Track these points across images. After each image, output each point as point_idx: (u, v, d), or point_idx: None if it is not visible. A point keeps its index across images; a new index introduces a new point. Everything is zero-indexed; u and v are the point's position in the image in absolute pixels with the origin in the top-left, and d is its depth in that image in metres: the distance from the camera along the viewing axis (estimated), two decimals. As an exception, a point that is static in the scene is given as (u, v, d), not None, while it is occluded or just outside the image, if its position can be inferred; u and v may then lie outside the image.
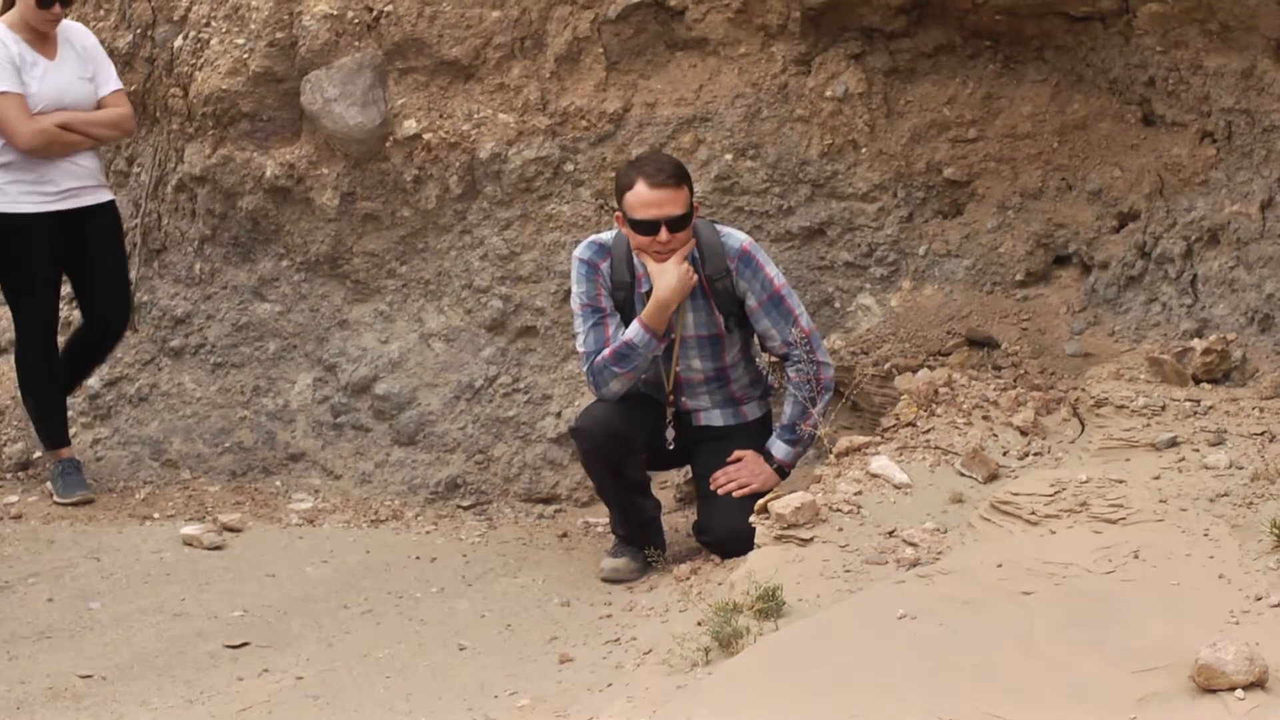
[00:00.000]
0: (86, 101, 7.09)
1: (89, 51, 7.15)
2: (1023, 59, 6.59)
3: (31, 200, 6.98)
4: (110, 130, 7.19)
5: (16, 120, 6.89)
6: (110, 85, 7.14)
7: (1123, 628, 3.78)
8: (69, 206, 7.05)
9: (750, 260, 5.97)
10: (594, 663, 5.20)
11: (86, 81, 7.09)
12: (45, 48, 7.02)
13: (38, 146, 6.93)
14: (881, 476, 5.27)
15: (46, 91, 6.97)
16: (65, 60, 7.05)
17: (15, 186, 6.99)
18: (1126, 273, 6.31)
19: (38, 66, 6.96)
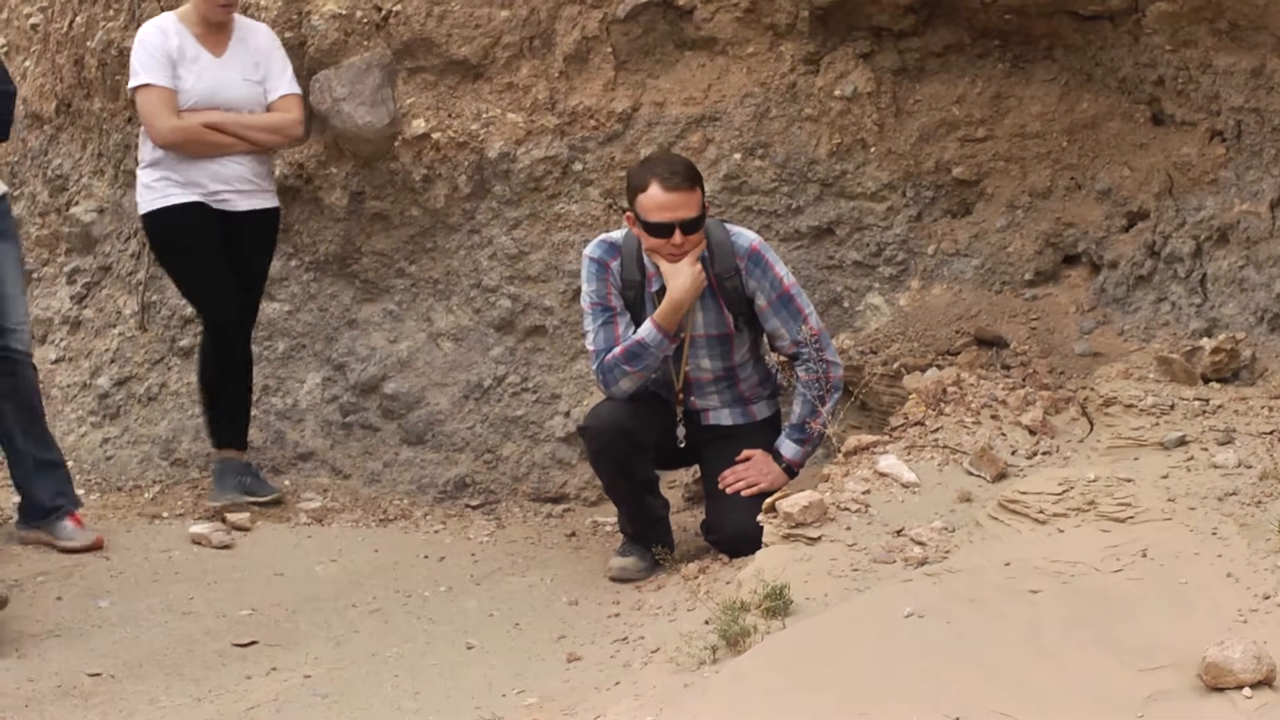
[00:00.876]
0: (249, 103, 6.79)
1: (263, 53, 6.83)
2: (1032, 58, 6.59)
3: (181, 194, 6.71)
4: (268, 135, 6.82)
5: (156, 114, 6.65)
6: (281, 89, 6.82)
7: (1130, 626, 3.78)
8: (218, 209, 6.77)
9: (759, 259, 5.97)
10: (602, 661, 5.19)
11: (254, 84, 6.79)
12: (214, 43, 6.75)
13: (175, 144, 6.68)
14: (889, 475, 5.27)
15: (200, 88, 6.70)
16: (233, 58, 6.78)
17: (164, 184, 6.73)
18: (1136, 272, 6.30)
19: (198, 61, 6.71)
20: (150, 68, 6.65)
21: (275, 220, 6.98)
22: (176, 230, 6.74)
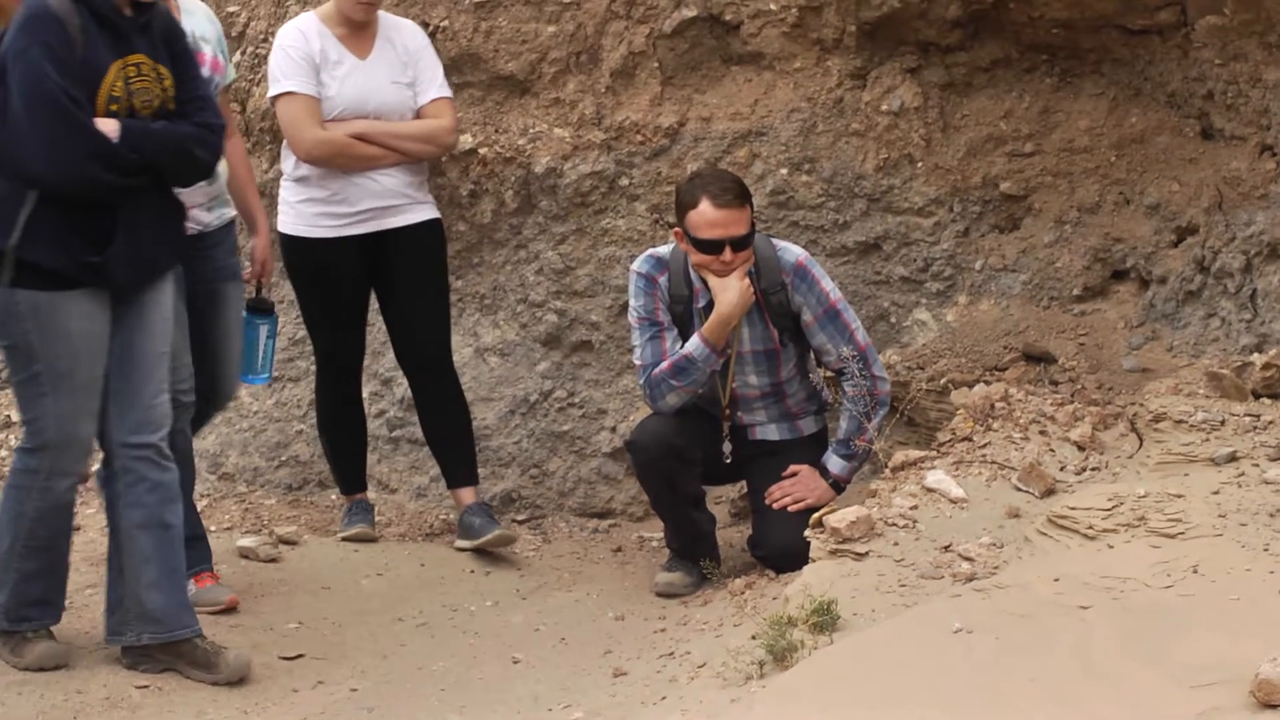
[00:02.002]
0: (399, 109, 6.30)
1: (413, 53, 6.34)
2: (1080, 72, 6.57)
3: (326, 224, 6.25)
4: (420, 144, 6.32)
5: (300, 126, 6.16)
6: (432, 93, 6.32)
7: (1182, 642, 3.75)
8: (368, 230, 6.27)
9: (806, 274, 5.96)
10: (648, 676, 5.19)
11: (403, 86, 6.30)
12: (358, 44, 6.27)
13: (320, 158, 6.19)
14: (937, 491, 5.25)
15: (345, 95, 6.21)
16: (379, 60, 6.29)
17: (308, 206, 6.27)
18: (1185, 287, 6.27)
19: (342, 65, 6.22)
20: (291, 74, 6.18)
21: (436, 231, 6.49)
22: (312, 263, 6.34)
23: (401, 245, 6.32)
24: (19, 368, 5.12)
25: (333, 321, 6.44)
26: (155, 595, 5.17)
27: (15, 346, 5.08)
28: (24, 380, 5.11)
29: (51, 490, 5.15)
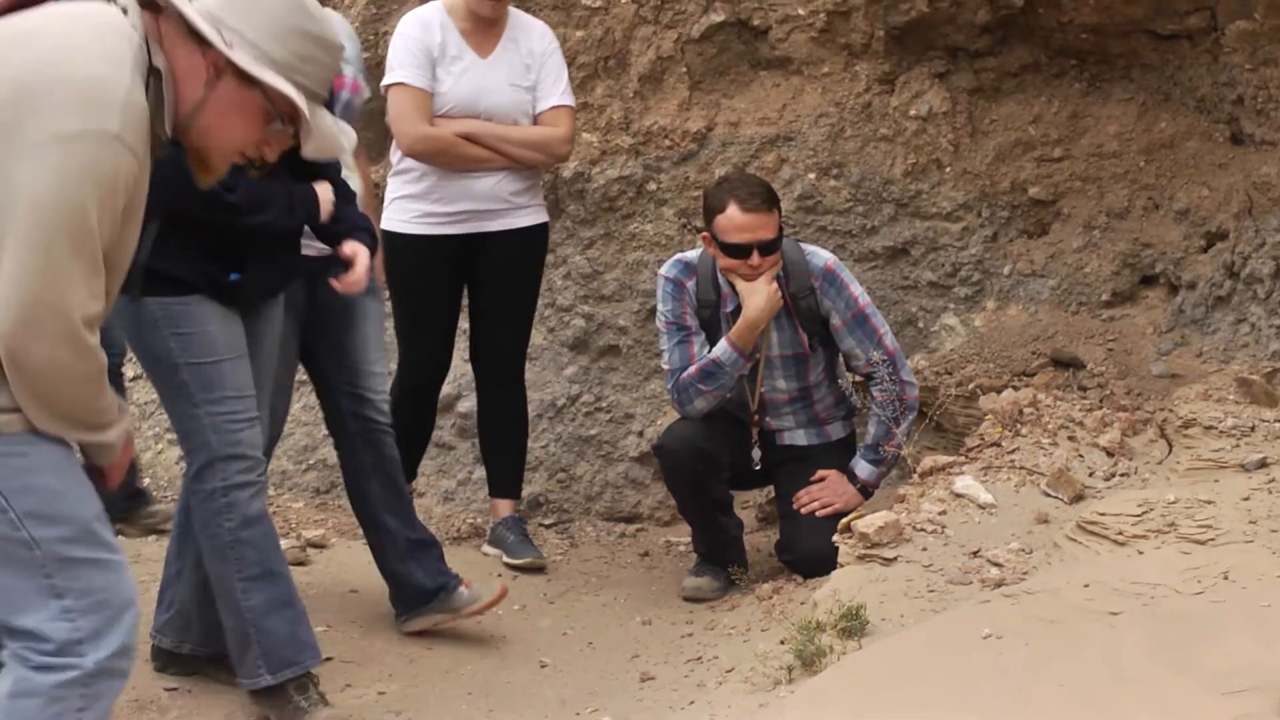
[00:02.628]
0: (514, 113, 6.12)
1: (538, 56, 6.17)
2: (1109, 77, 6.56)
3: (422, 222, 6.11)
4: (531, 151, 6.14)
5: (406, 119, 6.00)
6: (551, 100, 6.14)
7: (1213, 649, 3.73)
8: (464, 231, 6.12)
9: (835, 279, 5.96)
10: (675, 681, 5.19)
11: (521, 90, 6.13)
12: (482, 41, 6.11)
13: (423, 154, 6.03)
14: (966, 496, 5.24)
15: (458, 92, 6.04)
16: (500, 61, 6.12)
17: (407, 201, 6.14)
18: (1214, 293, 6.25)
19: (460, 61, 6.05)
20: (406, 65, 6.01)
21: (539, 237, 6.32)
22: (406, 260, 6.15)
23: (496, 251, 6.15)
24: (165, 382, 4.79)
25: (422, 326, 6.27)
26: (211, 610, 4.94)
27: (158, 359, 4.75)
28: (173, 396, 4.79)
29: (234, 505, 4.73)
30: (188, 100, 3.43)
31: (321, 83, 3.50)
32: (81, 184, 3.23)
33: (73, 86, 3.24)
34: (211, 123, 3.46)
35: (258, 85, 3.39)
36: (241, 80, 3.39)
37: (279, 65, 3.40)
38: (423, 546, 5.61)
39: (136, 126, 3.28)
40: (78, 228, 3.24)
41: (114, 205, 3.29)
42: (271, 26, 3.42)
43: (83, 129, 3.22)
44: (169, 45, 3.41)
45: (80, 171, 3.22)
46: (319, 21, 3.49)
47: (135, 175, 3.31)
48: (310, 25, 3.47)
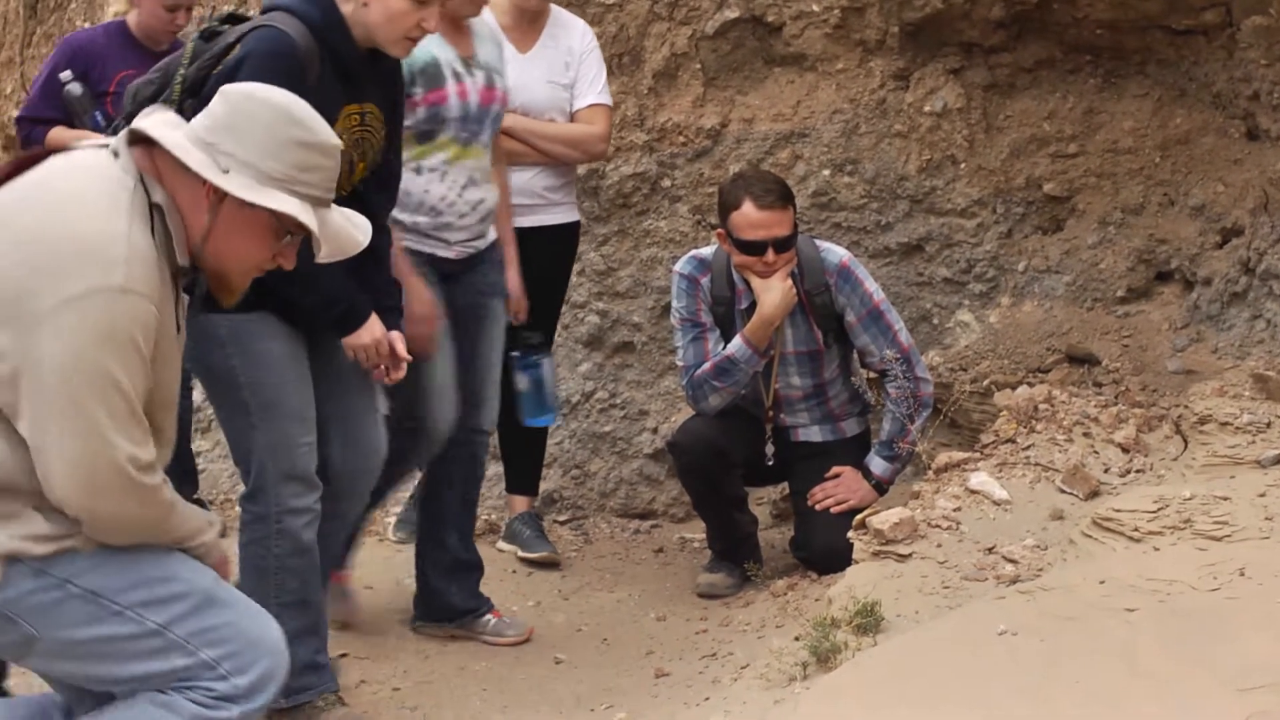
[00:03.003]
0: (550, 109, 6.13)
1: (577, 54, 6.17)
2: (1124, 73, 6.54)
3: None
4: (565, 148, 6.15)
5: None
6: (589, 98, 6.14)
7: (1228, 645, 3.72)
8: None
9: (849, 275, 5.95)
10: (690, 677, 5.19)
11: (558, 87, 6.14)
12: (522, 37, 6.10)
13: None
14: (981, 493, 5.23)
15: None
16: (539, 57, 6.14)
17: None
18: (1230, 289, 6.23)
19: None
20: None
21: (570, 235, 6.37)
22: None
23: (526, 247, 5.99)
24: (224, 399, 4.74)
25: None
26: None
27: (217, 375, 4.70)
28: (231, 413, 4.74)
29: (287, 533, 4.70)
30: (196, 229, 3.47)
31: (325, 187, 3.52)
32: (98, 342, 3.28)
33: (73, 247, 3.29)
34: (222, 246, 3.49)
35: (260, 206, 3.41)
36: (243, 202, 3.41)
37: (278, 180, 3.42)
38: (467, 568, 5.69)
39: (143, 272, 3.33)
40: (103, 384, 3.29)
41: (137, 353, 3.34)
42: (265, 143, 3.43)
43: (88, 288, 3.27)
44: (167, 178, 3.45)
45: (94, 330, 3.28)
46: (311, 128, 3.49)
47: (153, 319, 3.36)
48: (303, 134, 3.47)
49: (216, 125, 3.45)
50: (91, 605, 3.42)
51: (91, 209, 3.36)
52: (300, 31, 4.51)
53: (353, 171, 4.71)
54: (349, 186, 4.69)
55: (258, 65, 4.40)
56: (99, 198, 3.38)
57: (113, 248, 3.31)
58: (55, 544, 3.40)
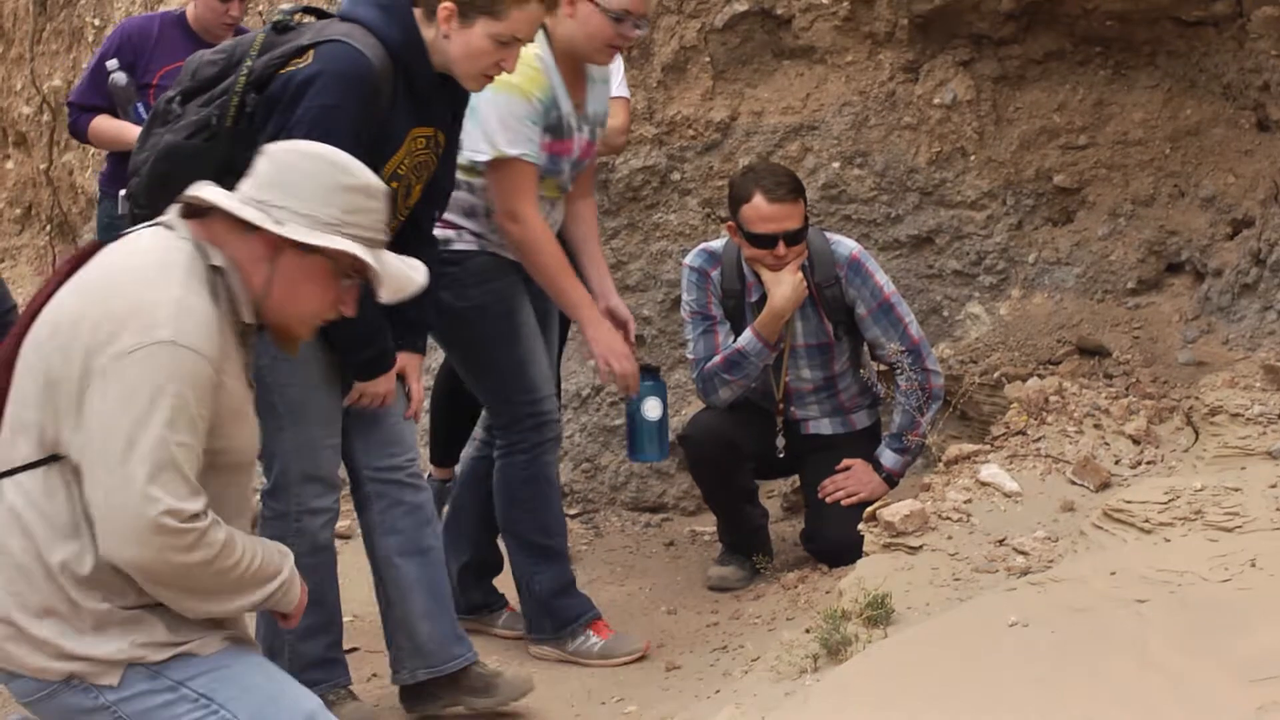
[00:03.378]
0: None
1: None
2: (1134, 65, 6.52)
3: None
4: None
5: None
6: (610, 91, 5.92)
7: (1240, 637, 3.72)
8: None
9: (860, 268, 5.95)
10: (701, 670, 5.20)
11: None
12: None
13: None
14: (991, 485, 5.23)
15: None
16: None
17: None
18: (1241, 280, 6.21)
19: None
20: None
21: None
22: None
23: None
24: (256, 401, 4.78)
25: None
26: (424, 625, 4.93)
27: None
28: (259, 413, 4.53)
29: (305, 532, 4.72)
30: (257, 283, 3.53)
31: (376, 229, 3.58)
32: (144, 394, 3.33)
33: (122, 312, 3.36)
34: (284, 295, 3.56)
35: (317, 250, 3.49)
36: (301, 250, 3.49)
37: (331, 226, 3.49)
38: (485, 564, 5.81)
39: (197, 328, 3.38)
40: (149, 436, 3.33)
41: (185, 408, 3.37)
42: (314, 192, 3.51)
43: (137, 343, 3.33)
44: (223, 241, 3.52)
45: (140, 381, 3.33)
46: (355, 173, 3.57)
47: (208, 377, 3.40)
48: (348, 179, 3.55)
49: (264, 183, 3.53)
50: (202, 710, 3.49)
51: (142, 277, 3.43)
52: (378, 53, 4.47)
53: (409, 195, 4.71)
54: (405, 210, 4.71)
55: (330, 85, 4.39)
56: (149, 267, 3.45)
57: (163, 307, 3.37)
58: (174, 649, 3.47)
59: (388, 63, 4.49)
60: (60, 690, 3.47)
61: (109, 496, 3.33)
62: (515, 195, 5.29)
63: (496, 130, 5.23)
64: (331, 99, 4.39)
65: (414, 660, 4.96)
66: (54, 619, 3.43)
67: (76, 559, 3.41)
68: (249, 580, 3.52)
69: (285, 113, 4.41)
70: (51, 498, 3.42)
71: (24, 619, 3.44)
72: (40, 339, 3.47)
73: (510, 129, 5.24)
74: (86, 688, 3.46)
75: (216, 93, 4.53)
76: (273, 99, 4.46)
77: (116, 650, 3.44)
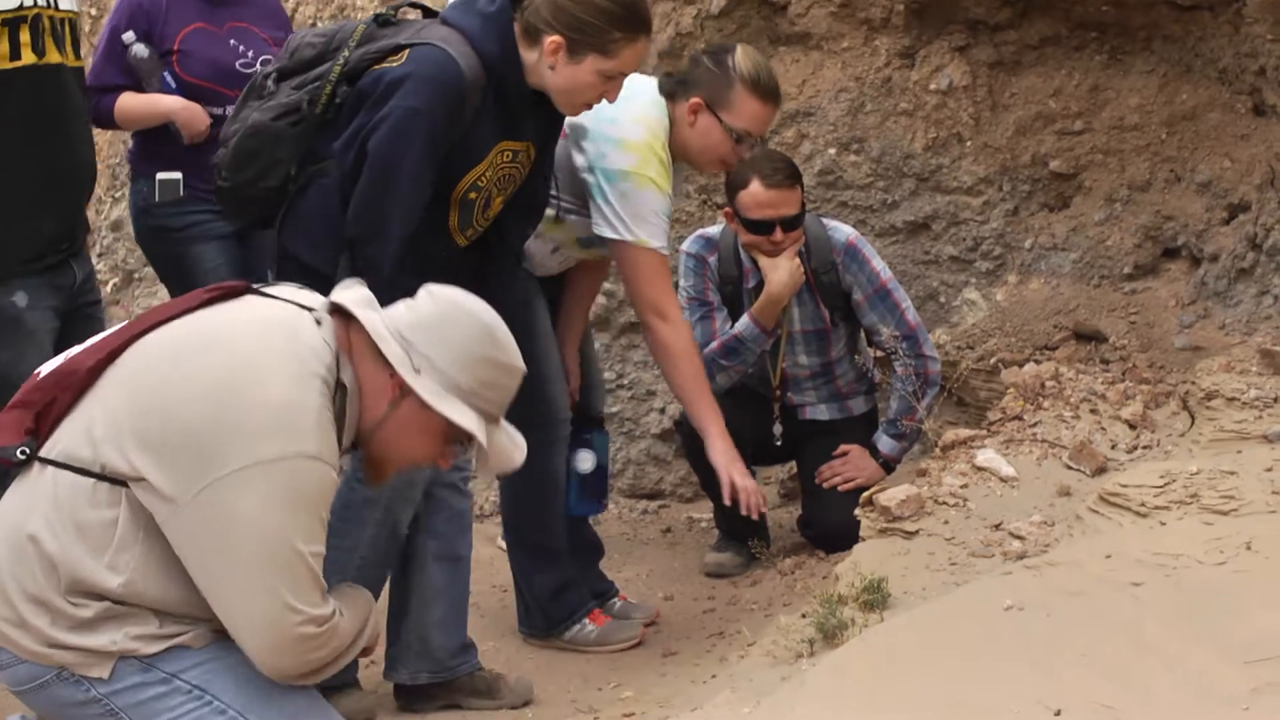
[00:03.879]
0: None
1: None
2: (1130, 50, 6.52)
3: None
4: None
5: None
6: None
7: (1235, 619, 3.72)
8: None
9: (856, 254, 5.95)
10: (697, 655, 5.20)
11: None
12: None
13: None
14: (988, 469, 5.23)
15: None
16: None
17: None
18: (1237, 265, 6.22)
19: None
20: None
21: None
22: None
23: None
24: None
25: None
26: (439, 634, 4.92)
27: None
28: None
29: (388, 521, 4.73)
30: (371, 416, 3.55)
31: (500, 405, 3.60)
32: (285, 505, 3.36)
33: (266, 412, 3.35)
34: (392, 438, 3.58)
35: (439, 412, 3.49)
36: (424, 405, 3.49)
37: (463, 392, 3.50)
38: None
39: (328, 442, 3.42)
40: (289, 553, 3.38)
41: (320, 520, 3.43)
42: (461, 355, 3.51)
43: (281, 452, 3.34)
44: (358, 359, 3.53)
45: (283, 493, 3.35)
46: (506, 350, 3.58)
47: (335, 484, 3.47)
48: (498, 354, 3.56)
49: (419, 324, 3.52)
50: (195, 702, 3.51)
51: (287, 375, 3.42)
52: (471, 62, 4.44)
53: (488, 206, 4.68)
54: (485, 220, 4.69)
55: (418, 88, 4.37)
56: (292, 362, 3.44)
57: (307, 417, 3.38)
58: (166, 642, 3.49)
59: (480, 74, 4.45)
60: (52, 683, 3.48)
61: (251, 605, 3.38)
62: (661, 289, 5.29)
63: (636, 220, 5.20)
64: (417, 102, 4.37)
65: (419, 663, 4.94)
66: (45, 609, 3.44)
67: (90, 574, 3.41)
68: (352, 646, 3.61)
69: (372, 109, 4.41)
70: (94, 509, 3.42)
71: (20, 602, 3.45)
72: (154, 362, 3.47)
73: (651, 223, 5.22)
74: (78, 680, 3.47)
75: (310, 77, 4.52)
76: (363, 93, 4.45)
77: (109, 642, 3.45)
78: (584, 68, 4.55)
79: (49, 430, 3.54)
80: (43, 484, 3.49)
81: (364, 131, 4.42)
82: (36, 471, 3.52)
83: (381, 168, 4.43)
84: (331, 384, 3.47)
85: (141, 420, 3.40)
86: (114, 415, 3.45)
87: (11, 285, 4.68)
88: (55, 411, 3.54)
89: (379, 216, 4.45)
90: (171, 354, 3.48)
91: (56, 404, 3.54)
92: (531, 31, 4.52)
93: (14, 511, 3.52)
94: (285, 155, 4.54)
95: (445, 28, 4.51)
